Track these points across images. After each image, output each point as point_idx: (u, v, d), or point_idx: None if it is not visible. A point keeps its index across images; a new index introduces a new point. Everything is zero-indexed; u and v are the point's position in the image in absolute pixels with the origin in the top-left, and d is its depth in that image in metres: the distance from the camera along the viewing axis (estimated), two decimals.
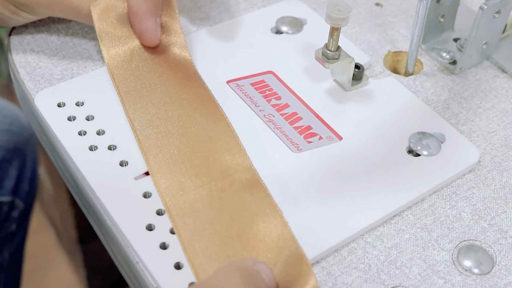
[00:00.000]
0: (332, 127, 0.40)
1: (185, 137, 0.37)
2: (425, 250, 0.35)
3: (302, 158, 0.38)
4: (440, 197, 0.38)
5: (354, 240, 0.35)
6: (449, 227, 0.36)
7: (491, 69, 0.46)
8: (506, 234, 0.36)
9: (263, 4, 0.49)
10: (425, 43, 0.47)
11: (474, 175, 0.39)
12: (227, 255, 0.32)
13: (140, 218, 0.34)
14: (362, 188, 0.37)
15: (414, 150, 0.39)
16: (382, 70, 0.45)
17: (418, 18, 0.42)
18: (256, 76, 0.43)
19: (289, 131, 0.40)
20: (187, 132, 0.37)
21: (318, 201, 0.36)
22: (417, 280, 0.34)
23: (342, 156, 0.38)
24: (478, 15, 0.42)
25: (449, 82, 0.45)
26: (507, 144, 0.41)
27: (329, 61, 0.40)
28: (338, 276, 0.34)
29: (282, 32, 0.47)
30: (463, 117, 0.42)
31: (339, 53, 0.40)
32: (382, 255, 0.35)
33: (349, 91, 0.43)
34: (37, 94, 0.41)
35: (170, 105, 0.39)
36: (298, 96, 0.42)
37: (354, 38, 0.47)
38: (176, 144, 0.37)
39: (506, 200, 0.38)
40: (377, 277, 0.34)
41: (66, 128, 0.39)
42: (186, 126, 0.38)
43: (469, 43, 0.44)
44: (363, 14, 0.50)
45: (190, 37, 0.46)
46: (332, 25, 0.39)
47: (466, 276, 0.34)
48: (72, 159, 0.37)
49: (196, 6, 0.49)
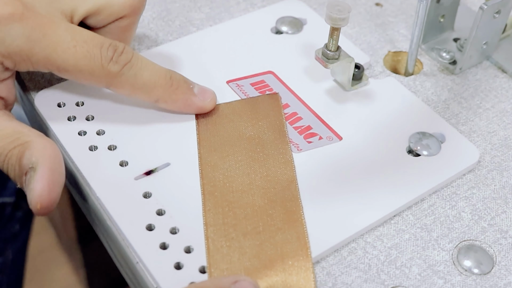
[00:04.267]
0: (332, 127, 0.40)
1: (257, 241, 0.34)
2: (425, 250, 0.35)
3: (302, 158, 0.38)
4: (440, 197, 0.38)
5: (354, 240, 0.35)
6: (449, 227, 0.36)
7: (491, 69, 0.46)
8: (506, 234, 0.36)
9: (263, 4, 0.49)
10: (425, 43, 0.47)
11: (474, 175, 0.39)
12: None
13: (140, 218, 0.34)
14: (362, 188, 0.37)
15: (414, 150, 0.39)
16: (382, 70, 0.45)
17: (418, 18, 0.42)
18: (256, 76, 0.43)
19: (289, 131, 0.40)
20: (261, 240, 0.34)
21: (318, 201, 0.36)
22: (417, 280, 0.34)
23: (342, 156, 0.38)
24: (478, 15, 0.42)
25: (449, 82, 0.45)
26: (507, 144, 0.41)
27: (329, 61, 0.40)
28: (338, 276, 0.34)
29: (282, 32, 0.47)
30: (463, 117, 0.42)
31: (339, 53, 0.40)
32: (382, 255, 0.35)
33: (349, 91, 0.43)
34: (37, 94, 0.41)
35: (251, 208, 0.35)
36: (298, 96, 0.42)
37: (354, 38, 0.47)
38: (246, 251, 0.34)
39: (506, 200, 0.38)
40: (377, 277, 0.34)
41: (66, 128, 0.39)
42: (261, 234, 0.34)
43: (469, 43, 0.44)
44: (363, 14, 0.50)
45: (190, 37, 0.46)
46: (332, 25, 0.39)
47: (466, 276, 0.34)
48: (72, 159, 0.37)
49: (196, 6, 0.49)
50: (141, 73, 0.36)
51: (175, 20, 0.48)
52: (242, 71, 0.43)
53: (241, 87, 0.42)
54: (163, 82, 0.37)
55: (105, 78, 0.36)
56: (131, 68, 0.36)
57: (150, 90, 0.37)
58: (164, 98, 0.38)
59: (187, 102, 0.38)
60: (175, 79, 0.38)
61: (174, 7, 0.49)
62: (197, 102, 0.39)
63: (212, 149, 0.38)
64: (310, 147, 0.39)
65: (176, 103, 0.38)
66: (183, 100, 0.38)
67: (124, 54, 0.36)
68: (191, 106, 0.39)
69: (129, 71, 0.36)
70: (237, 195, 0.35)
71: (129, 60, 0.36)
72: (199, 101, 0.39)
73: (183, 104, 0.38)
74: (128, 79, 0.36)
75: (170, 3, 0.49)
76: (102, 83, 0.36)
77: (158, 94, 0.37)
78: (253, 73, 0.43)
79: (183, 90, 0.38)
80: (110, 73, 0.36)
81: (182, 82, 0.38)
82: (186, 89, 0.38)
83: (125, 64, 0.36)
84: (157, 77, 0.37)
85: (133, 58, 0.36)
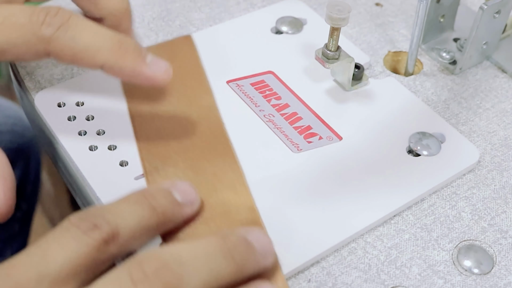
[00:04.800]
0: (332, 127, 0.40)
1: (191, 171, 0.35)
2: (425, 250, 0.35)
3: (302, 158, 0.38)
4: (440, 197, 0.38)
5: (354, 240, 0.35)
6: (449, 227, 0.36)
7: (491, 69, 0.46)
8: (506, 234, 0.36)
9: (263, 4, 0.49)
10: (425, 43, 0.47)
11: (474, 175, 0.39)
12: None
13: None
14: (362, 188, 0.37)
15: (414, 150, 0.39)
16: (382, 70, 0.45)
17: (418, 18, 0.42)
18: (256, 76, 0.43)
19: (289, 131, 0.40)
20: (194, 167, 0.35)
21: (318, 201, 0.36)
22: (417, 280, 0.34)
23: (342, 156, 0.38)
24: (478, 15, 0.42)
25: (449, 82, 0.45)
26: (507, 144, 0.41)
27: (329, 61, 0.40)
28: (338, 276, 0.34)
29: (282, 32, 0.47)
30: (463, 117, 0.42)
31: (339, 53, 0.40)
32: (382, 255, 0.35)
33: (349, 91, 0.43)
34: (37, 94, 0.41)
35: (180, 135, 0.36)
36: (298, 96, 0.42)
37: (354, 38, 0.47)
38: (180, 177, 0.35)
39: (506, 200, 0.38)
40: (377, 277, 0.34)
41: (66, 128, 0.39)
42: (194, 160, 0.36)
43: (469, 43, 0.44)
44: (363, 14, 0.50)
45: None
46: (332, 25, 0.39)
47: (466, 276, 0.34)
48: (72, 159, 0.37)
49: (196, 6, 0.49)
50: (81, 35, 0.33)
51: (175, 20, 0.48)
52: (242, 71, 0.43)
53: (241, 87, 0.42)
54: (109, 45, 0.33)
55: (40, 45, 0.32)
56: (68, 29, 0.32)
57: (94, 54, 0.33)
58: (109, 63, 0.33)
59: (135, 69, 0.34)
60: (124, 43, 0.34)
61: (174, 7, 0.49)
62: (146, 71, 0.34)
63: (141, 106, 0.37)
64: (310, 147, 0.39)
65: (123, 70, 0.34)
66: (131, 67, 0.34)
67: (58, 16, 0.32)
68: (139, 75, 0.34)
69: (65, 33, 0.32)
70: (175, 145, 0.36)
71: (65, 21, 0.32)
72: (150, 71, 0.34)
73: (131, 71, 0.34)
74: (66, 42, 0.32)
75: (170, 3, 0.49)
76: (39, 51, 0.33)
77: (103, 58, 0.33)
78: (253, 73, 0.43)
79: (133, 56, 0.34)
80: (44, 38, 0.32)
81: (133, 47, 0.34)
82: (137, 56, 0.34)
83: (60, 26, 0.32)
84: (102, 39, 0.33)
85: (71, 20, 0.33)
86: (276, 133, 0.39)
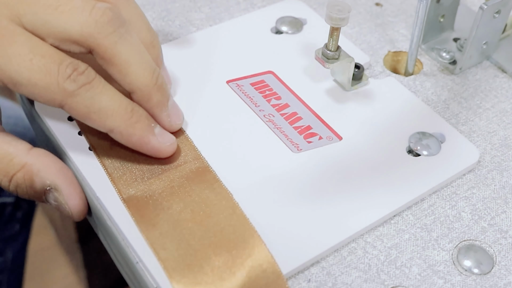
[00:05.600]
0: (332, 127, 0.40)
1: None
2: (425, 250, 0.35)
3: (302, 158, 0.38)
4: (440, 197, 0.38)
5: (354, 240, 0.35)
6: (449, 227, 0.36)
7: (491, 69, 0.46)
8: (506, 234, 0.36)
9: (263, 4, 0.49)
10: (425, 43, 0.47)
11: (474, 175, 0.39)
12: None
13: None
14: (362, 188, 0.37)
15: (414, 150, 0.39)
16: (382, 70, 0.45)
17: (418, 18, 0.42)
18: (256, 76, 0.43)
19: (289, 131, 0.40)
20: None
21: (318, 201, 0.36)
22: (417, 280, 0.34)
23: (342, 156, 0.38)
24: (478, 15, 0.42)
25: (449, 82, 0.45)
26: (507, 144, 0.41)
27: (329, 61, 0.40)
28: (338, 276, 0.34)
29: (282, 32, 0.47)
30: (463, 117, 0.42)
31: (339, 53, 0.40)
32: (382, 255, 0.35)
33: (349, 91, 0.43)
34: None
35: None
36: (298, 96, 0.42)
37: (354, 38, 0.47)
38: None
39: (506, 200, 0.38)
40: (377, 277, 0.34)
41: (66, 128, 0.39)
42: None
43: (469, 43, 0.44)
44: (363, 14, 0.50)
45: (190, 37, 0.46)
46: (332, 25, 0.39)
47: (466, 276, 0.34)
48: (72, 159, 0.37)
49: (196, 6, 0.49)
50: (99, 97, 0.34)
51: (175, 20, 0.48)
52: (242, 71, 0.43)
53: (241, 87, 0.42)
54: (122, 112, 0.34)
55: (59, 96, 0.33)
56: (89, 90, 0.33)
57: (106, 118, 0.34)
58: (119, 129, 0.35)
59: (143, 139, 0.35)
60: (136, 112, 0.35)
61: (174, 7, 0.49)
62: (154, 142, 0.36)
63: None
64: (310, 147, 0.39)
65: (131, 137, 0.35)
66: (139, 136, 0.35)
67: (84, 75, 0.33)
68: (147, 144, 0.36)
69: (86, 92, 0.33)
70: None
71: (89, 82, 0.33)
72: (157, 142, 0.36)
73: (138, 140, 0.35)
74: (84, 101, 0.33)
75: (170, 3, 0.49)
76: (56, 100, 0.33)
77: (114, 124, 0.34)
78: (253, 73, 0.43)
79: (143, 126, 0.35)
80: (65, 91, 0.33)
81: (144, 117, 0.36)
82: (146, 126, 0.36)
83: (84, 85, 0.33)
84: (117, 106, 0.34)
85: (95, 81, 0.34)
86: (276, 133, 0.39)
